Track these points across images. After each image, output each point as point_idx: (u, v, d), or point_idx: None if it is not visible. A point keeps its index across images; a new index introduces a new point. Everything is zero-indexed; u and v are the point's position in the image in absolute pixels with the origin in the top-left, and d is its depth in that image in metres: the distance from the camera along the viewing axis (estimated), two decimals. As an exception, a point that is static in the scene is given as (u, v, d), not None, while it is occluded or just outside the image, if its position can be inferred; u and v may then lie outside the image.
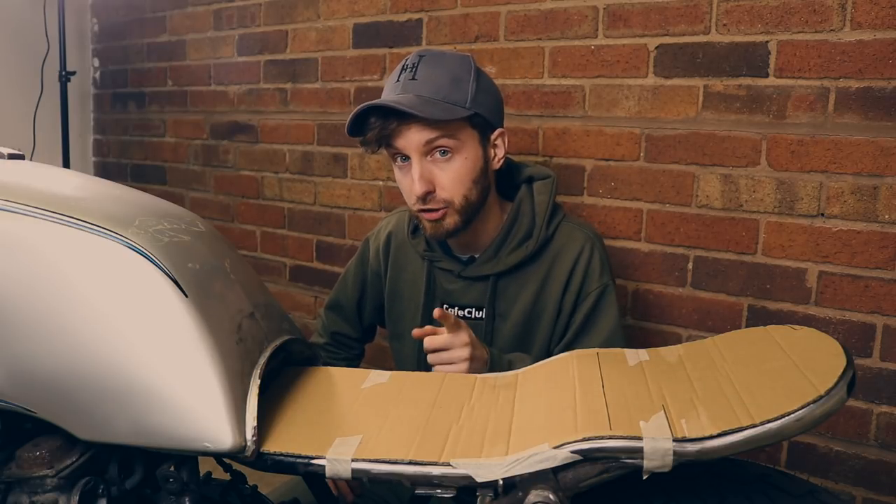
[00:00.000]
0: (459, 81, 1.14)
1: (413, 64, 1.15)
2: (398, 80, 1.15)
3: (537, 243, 1.20)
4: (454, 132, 1.13)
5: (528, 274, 1.22)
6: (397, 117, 1.11)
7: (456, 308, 1.26)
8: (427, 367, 1.30)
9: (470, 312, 1.25)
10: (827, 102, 1.35)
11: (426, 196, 1.14)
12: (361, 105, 1.13)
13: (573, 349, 1.19)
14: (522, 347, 1.23)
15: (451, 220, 1.16)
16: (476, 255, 1.25)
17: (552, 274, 1.21)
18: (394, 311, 1.36)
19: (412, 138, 1.12)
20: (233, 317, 0.86)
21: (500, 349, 1.21)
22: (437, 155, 1.13)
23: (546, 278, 1.21)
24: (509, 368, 1.09)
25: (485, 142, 1.18)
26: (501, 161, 1.22)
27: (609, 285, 1.21)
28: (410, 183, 1.15)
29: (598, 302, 1.20)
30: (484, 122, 1.17)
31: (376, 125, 1.12)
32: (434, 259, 1.27)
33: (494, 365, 1.10)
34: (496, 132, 1.20)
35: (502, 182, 1.26)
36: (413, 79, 1.13)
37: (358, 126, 1.15)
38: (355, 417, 0.86)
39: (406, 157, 1.15)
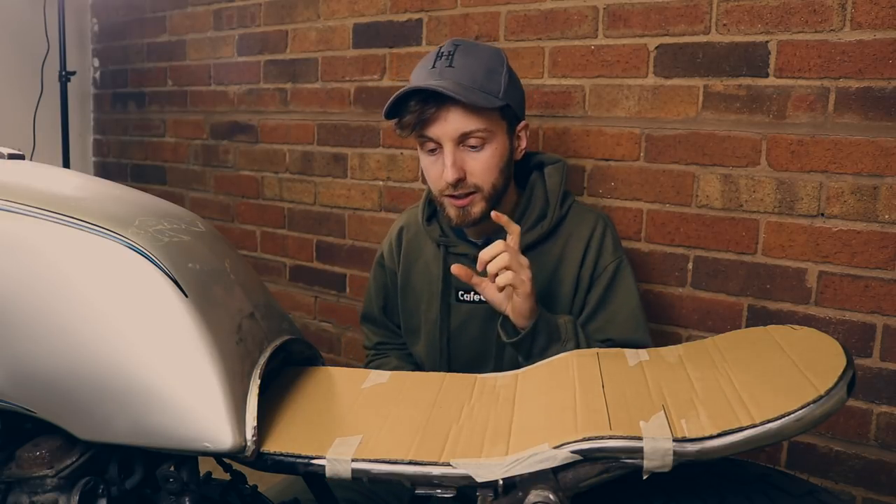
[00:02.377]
0: (493, 73, 1.17)
1: (449, 52, 1.17)
2: (433, 67, 1.16)
3: (552, 223, 1.24)
4: (487, 122, 1.16)
5: (542, 253, 1.25)
6: (436, 102, 1.13)
7: (472, 292, 1.27)
8: (440, 363, 1.30)
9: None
10: (827, 102, 1.35)
11: (457, 183, 1.16)
12: (404, 88, 1.14)
13: (594, 323, 1.22)
14: None
15: (478, 208, 1.19)
16: (490, 237, 1.26)
17: (566, 253, 1.25)
18: (407, 306, 1.37)
19: (448, 126, 1.14)
20: (233, 317, 0.86)
21: (514, 327, 1.24)
22: (470, 143, 1.16)
23: (561, 257, 1.25)
24: (553, 325, 1.12)
25: (511, 133, 1.22)
26: (523, 152, 1.26)
27: (623, 259, 1.25)
28: (440, 170, 1.17)
29: (615, 275, 1.23)
30: (512, 113, 1.21)
31: (415, 109, 1.14)
32: (449, 244, 1.29)
33: (541, 313, 1.12)
34: (521, 124, 1.24)
35: (515, 170, 1.29)
36: (450, 66, 1.15)
37: (396, 109, 1.17)
38: (355, 417, 0.86)
39: (436, 145, 1.17)
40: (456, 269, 1.12)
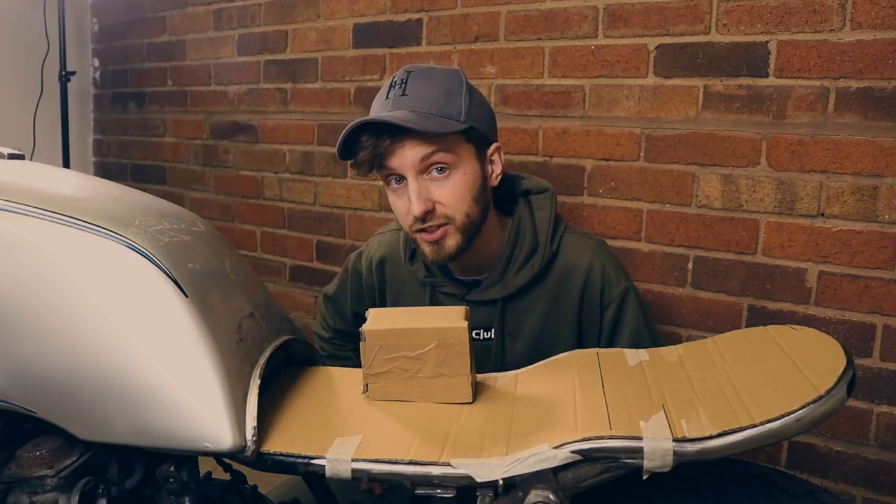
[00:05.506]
0: (452, 94, 1.09)
1: (402, 80, 1.09)
2: (387, 98, 1.08)
3: (543, 261, 1.16)
4: (451, 147, 1.07)
5: (536, 291, 1.18)
6: (391, 134, 1.05)
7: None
8: None
9: (478, 334, 1.20)
10: (827, 102, 1.35)
11: (426, 215, 1.07)
12: (352, 123, 1.06)
13: None
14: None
15: (452, 241, 1.10)
16: (479, 278, 1.19)
17: (563, 288, 1.17)
18: None
19: (407, 155, 1.05)
20: (233, 317, 0.86)
21: (513, 368, 1.18)
22: (435, 172, 1.07)
23: (557, 294, 1.18)
24: None
25: (482, 157, 1.13)
26: (499, 177, 1.17)
27: (629, 288, 1.17)
28: (407, 204, 1.08)
29: (621, 306, 1.17)
30: (480, 136, 1.11)
31: (368, 144, 1.05)
32: (436, 284, 1.22)
33: None
34: (492, 147, 1.14)
35: (499, 196, 1.21)
36: (403, 94, 1.07)
37: (349, 147, 1.08)
38: (355, 417, 0.86)
39: (400, 178, 1.09)
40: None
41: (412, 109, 1.05)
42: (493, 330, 1.19)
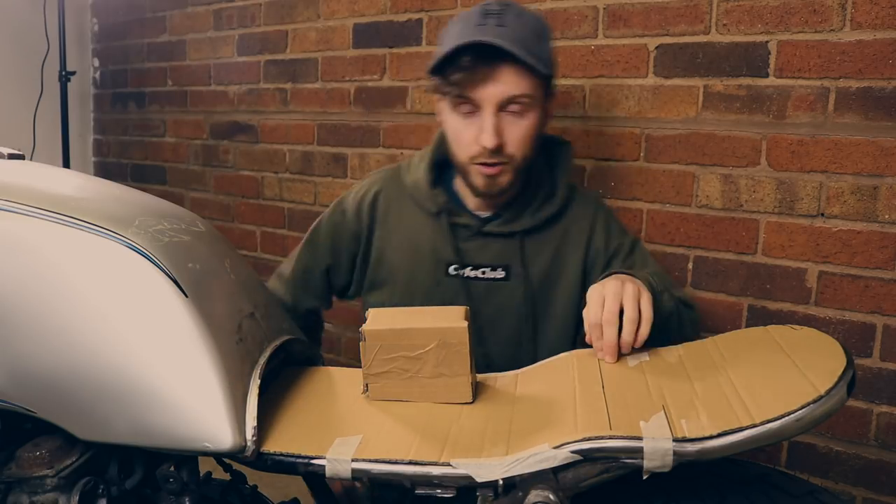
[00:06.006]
0: (543, 39, 1.11)
1: (499, 11, 1.08)
2: (483, 24, 1.06)
3: (563, 200, 1.21)
4: (534, 89, 1.09)
5: (546, 234, 1.21)
6: (490, 60, 1.04)
7: (469, 267, 1.21)
8: None
9: (484, 272, 1.21)
10: (827, 102, 1.35)
11: (496, 149, 1.09)
12: (461, 41, 1.04)
13: None
14: (539, 309, 1.21)
15: (506, 178, 1.13)
16: (491, 213, 1.21)
17: (569, 236, 1.22)
18: (379, 277, 1.28)
19: (497, 88, 1.06)
20: (233, 317, 0.86)
21: (516, 309, 1.21)
22: (512, 111, 1.09)
23: (563, 240, 1.22)
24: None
25: (548, 105, 1.16)
26: (545, 128, 1.19)
27: (637, 240, 1.23)
28: (475, 133, 1.09)
29: (633, 248, 1.22)
30: (551, 86, 1.15)
31: (468, 65, 1.04)
32: (452, 211, 1.21)
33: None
34: (554, 99, 1.19)
35: None
36: (501, 25, 1.05)
37: (444, 62, 1.08)
38: (355, 417, 0.86)
39: (474, 106, 1.09)
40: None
41: (514, 40, 1.04)
42: (500, 269, 1.21)
